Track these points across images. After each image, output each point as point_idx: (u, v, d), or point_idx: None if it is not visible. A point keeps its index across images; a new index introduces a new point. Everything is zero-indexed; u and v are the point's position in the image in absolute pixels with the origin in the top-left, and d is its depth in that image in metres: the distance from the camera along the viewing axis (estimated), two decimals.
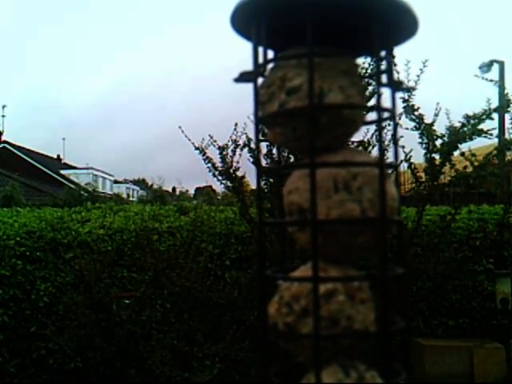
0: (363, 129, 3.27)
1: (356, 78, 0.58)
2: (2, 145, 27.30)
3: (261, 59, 0.58)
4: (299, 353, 0.52)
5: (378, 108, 0.57)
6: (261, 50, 0.58)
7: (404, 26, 0.57)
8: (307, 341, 0.51)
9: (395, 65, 3.75)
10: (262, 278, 0.55)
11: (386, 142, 2.72)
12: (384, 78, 0.58)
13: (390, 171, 0.59)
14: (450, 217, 4.26)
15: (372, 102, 0.58)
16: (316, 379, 0.48)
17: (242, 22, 0.58)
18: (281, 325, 0.52)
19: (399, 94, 3.65)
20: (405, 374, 0.48)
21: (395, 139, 0.59)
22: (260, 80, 0.59)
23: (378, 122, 0.58)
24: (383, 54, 0.58)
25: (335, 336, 0.50)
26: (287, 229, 0.58)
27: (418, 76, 3.98)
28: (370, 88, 3.04)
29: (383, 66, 0.58)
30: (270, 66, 0.59)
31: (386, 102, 0.58)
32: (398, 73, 3.86)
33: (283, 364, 0.55)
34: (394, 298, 0.52)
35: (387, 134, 2.44)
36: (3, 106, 29.09)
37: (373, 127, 3.08)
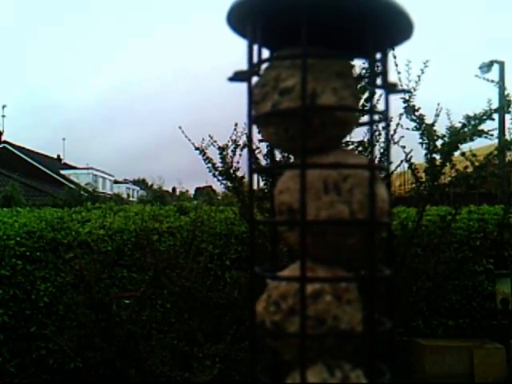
0: (363, 129, 3.26)
1: (350, 80, 0.58)
2: (2, 145, 27.30)
3: (256, 58, 0.58)
4: (285, 351, 0.53)
5: (371, 110, 0.57)
6: (256, 49, 0.58)
7: (399, 28, 0.57)
8: (293, 340, 0.51)
9: (396, 65, 3.75)
10: (253, 275, 0.55)
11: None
12: (379, 80, 0.58)
13: (382, 173, 0.59)
14: (450, 217, 4.26)
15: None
16: (301, 378, 0.48)
17: (237, 21, 0.58)
18: (268, 323, 0.53)
19: (398, 95, 3.65)
20: (389, 374, 0.49)
21: (388, 141, 0.59)
22: (255, 79, 0.59)
23: (370, 124, 0.58)
24: (378, 56, 0.58)
25: (321, 335, 0.51)
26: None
27: (419, 76, 3.98)
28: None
29: (379, 68, 0.58)
30: (266, 65, 0.59)
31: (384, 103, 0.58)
32: (399, 73, 3.86)
33: (269, 362, 0.55)
34: (383, 299, 0.52)
35: (387, 135, 2.44)
36: (3, 106, 29.12)
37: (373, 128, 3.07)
